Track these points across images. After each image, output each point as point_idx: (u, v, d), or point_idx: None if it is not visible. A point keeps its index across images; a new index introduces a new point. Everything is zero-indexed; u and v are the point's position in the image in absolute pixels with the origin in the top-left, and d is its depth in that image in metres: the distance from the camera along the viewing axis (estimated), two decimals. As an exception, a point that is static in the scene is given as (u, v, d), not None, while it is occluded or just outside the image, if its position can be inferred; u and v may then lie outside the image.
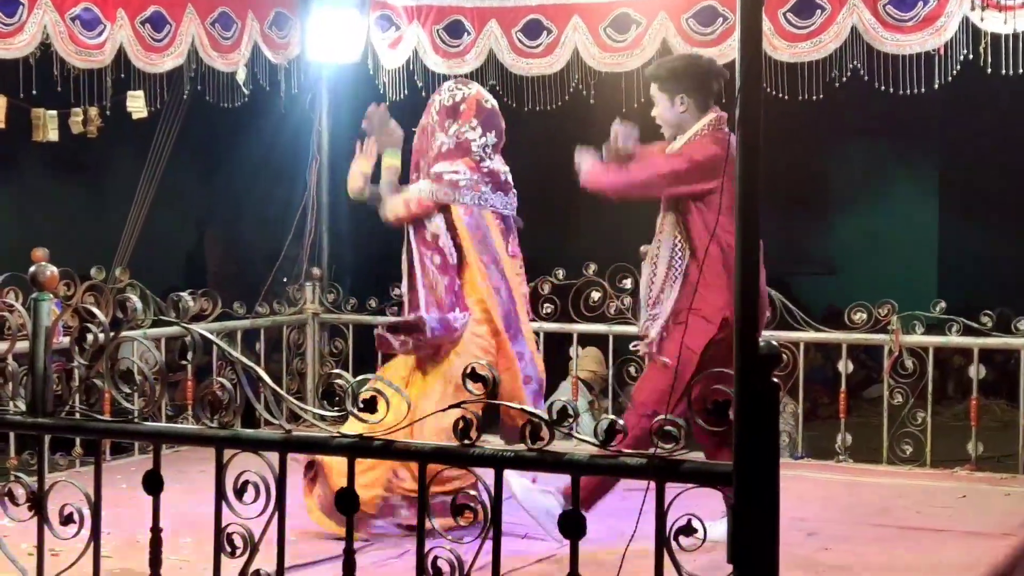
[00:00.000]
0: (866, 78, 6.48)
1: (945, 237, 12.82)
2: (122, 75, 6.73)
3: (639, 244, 7.25)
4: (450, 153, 5.28)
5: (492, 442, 3.00)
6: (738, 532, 2.63)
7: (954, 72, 6.30)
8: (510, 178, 5.51)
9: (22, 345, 3.51)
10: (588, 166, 5.17)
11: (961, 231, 12.45)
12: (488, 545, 2.90)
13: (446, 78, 7.27)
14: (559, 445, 2.94)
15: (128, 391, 3.33)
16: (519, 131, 9.98)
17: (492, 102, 5.51)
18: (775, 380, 2.66)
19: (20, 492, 3.46)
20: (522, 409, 2.98)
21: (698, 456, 4.28)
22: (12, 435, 5.92)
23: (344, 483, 3.07)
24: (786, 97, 6.56)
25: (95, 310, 3.34)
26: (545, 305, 7.22)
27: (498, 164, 5.45)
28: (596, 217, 11.42)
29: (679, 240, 5.01)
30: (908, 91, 6.37)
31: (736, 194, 2.68)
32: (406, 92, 7.46)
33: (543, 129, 9.15)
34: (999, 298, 9.17)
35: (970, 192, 12.28)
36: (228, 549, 3.14)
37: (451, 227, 5.27)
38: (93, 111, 6.65)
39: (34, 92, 6.32)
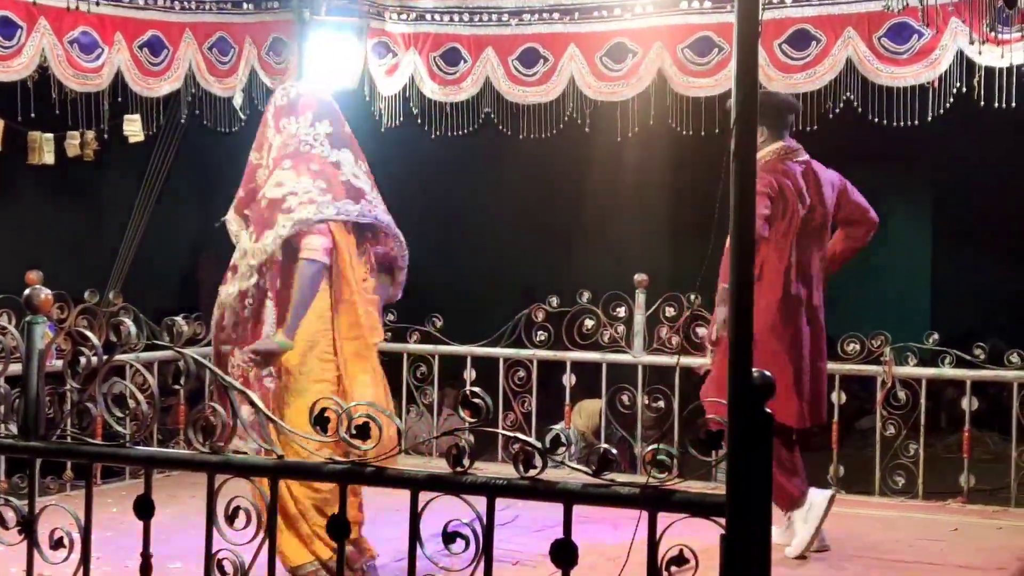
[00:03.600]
0: (860, 109, 6.51)
1: (938, 268, 12.85)
2: (119, 99, 6.75)
3: (633, 272, 7.28)
4: (287, 156, 4.80)
5: (484, 469, 2.99)
6: (730, 561, 2.62)
7: (947, 104, 6.33)
8: (358, 183, 4.85)
9: (15, 368, 3.50)
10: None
11: (954, 262, 12.47)
12: (480, 573, 2.89)
13: (443, 105, 7.31)
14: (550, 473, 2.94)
15: (120, 415, 3.32)
16: (513, 158, 10.07)
17: (329, 96, 5.05)
18: (768, 411, 2.66)
19: (10, 516, 3.44)
20: (515, 437, 2.97)
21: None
22: (2, 458, 5.90)
23: None
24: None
25: (88, 333, 3.33)
26: (539, 333, 7.24)
27: (343, 157, 4.84)
28: (590, 245, 11.45)
29: None
30: (902, 123, 6.40)
31: (731, 225, 2.69)
32: (402, 119, 7.48)
33: (538, 157, 9.19)
34: (991, 328, 9.19)
35: (963, 223, 12.31)
36: (218, 575, 3.12)
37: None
38: (90, 134, 6.67)
39: (31, 115, 6.34)
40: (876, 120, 6.46)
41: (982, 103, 6.13)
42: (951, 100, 6.31)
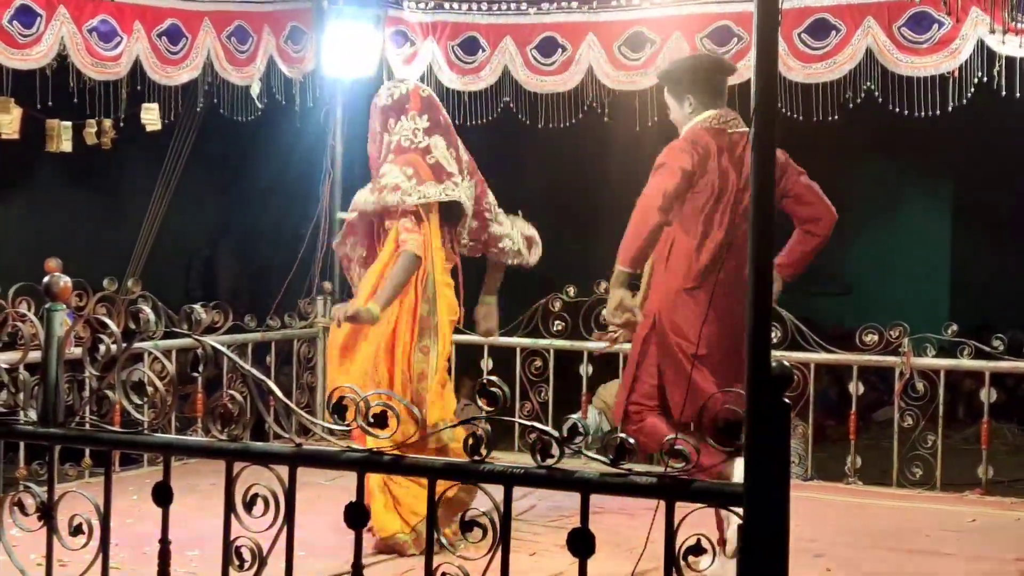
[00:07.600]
0: (880, 99, 6.48)
1: (957, 258, 12.80)
2: (138, 87, 6.76)
3: (651, 262, 7.25)
4: (393, 151, 5.30)
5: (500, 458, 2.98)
6: (748, 551, 2.62)
7: (968, 94, 6.30)
8: (448, 167, 5.31)
9: (34, 355, 3.51)
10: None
11: (973, 253, 12.42)
12: (497, 562, 2.89)
13: (461, 94, 7.31)
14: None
15: (139, 402, 3.33)
16: (532, 148, 10.05)
17: (428, 91, 5.57)
18: (786, 400, 2.65)
19: (30, 502, 3.46)
20: (533, 426, 2.97)
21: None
22: (22, 445, 5.93)
23: None
24: (800, 117, 6.56)
25: (107, 321, 3.34)
26: (556, 322, 7.23)
27: (433, 142, 5.30)
28: (608, 234, 11.41)
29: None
30: (922, 113, 6.37)
31: (751, 211, 2.68)
32: (420, 108, 7.46)
33: (556, 146, 9.18)
34: (1010, 320, 9.15)
35: (983, 214, 12.25)
36: (236, 562, 3.13)
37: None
38: (107, 123, 6.68)
39: (50, 103, 6.35)
40: (896, 110, 6.43)
41: (1003, 93, 6.10)
42: (971, 90, 6.28)
